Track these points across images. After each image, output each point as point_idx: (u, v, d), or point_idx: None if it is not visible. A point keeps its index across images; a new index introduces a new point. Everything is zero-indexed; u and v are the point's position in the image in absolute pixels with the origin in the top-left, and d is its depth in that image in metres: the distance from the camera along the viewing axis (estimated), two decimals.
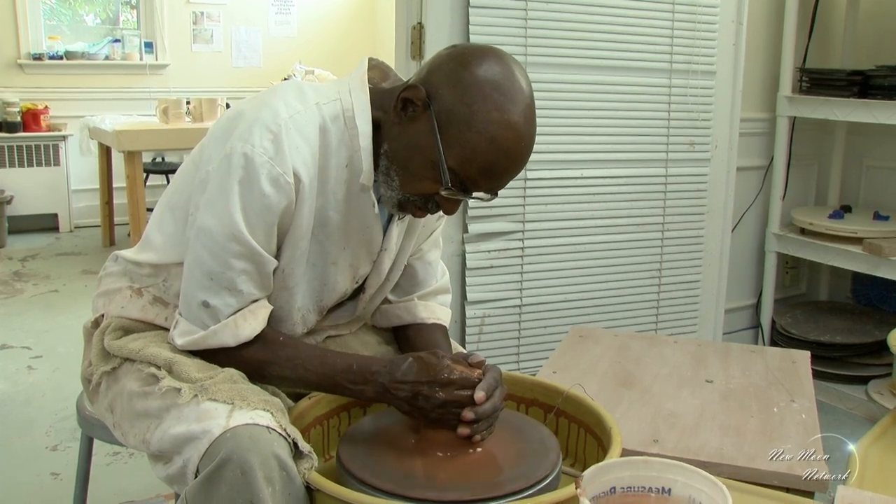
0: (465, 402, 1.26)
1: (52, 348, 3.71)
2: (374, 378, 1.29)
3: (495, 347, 2.81)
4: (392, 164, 1.32)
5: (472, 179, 1.27)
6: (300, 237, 1.34)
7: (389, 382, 1.28)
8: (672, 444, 1.66)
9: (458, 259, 2.73)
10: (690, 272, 3.17)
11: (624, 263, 3.02)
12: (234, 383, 1.27)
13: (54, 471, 2.61)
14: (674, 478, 1.11)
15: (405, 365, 1.29)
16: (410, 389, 1.27)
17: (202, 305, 1.31)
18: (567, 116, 2.81)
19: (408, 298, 1.61)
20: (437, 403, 1.26)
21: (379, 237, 1.43)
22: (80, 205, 6.15)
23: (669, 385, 1.98)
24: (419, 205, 1.34)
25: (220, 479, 1.13)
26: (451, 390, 1.26)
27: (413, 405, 1.27)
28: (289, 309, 1.41)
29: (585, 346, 2.25)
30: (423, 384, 1.26)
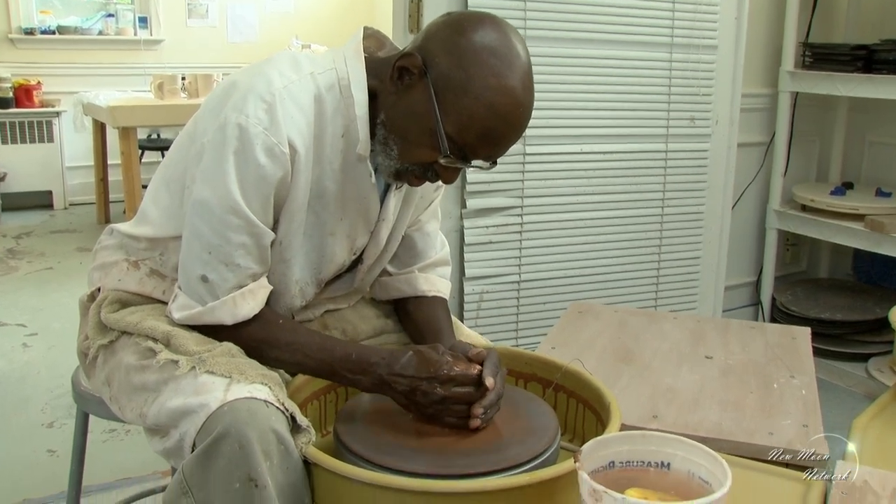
0: (463, 400, 1.27)
1: (46, 325, 3.72)
2: (372, 369, 1.29)
3: (494, 323, 2.81)
4: (389, 133, 1.31)
5: (471, 146, 1.26)
6: (297, 208, 1.34)
7: (388, 375, 1.28)
8: (671, 419, 1.67)
9: (456, 235, 2.73)
10: (690, 248, 3.17)
11: (623, 239, 3.02)
12: (231, 357, 1.27)
13: (50, 448, 2.63)
14: (673, 452, 1.11)
15: (405, 359, 1.29)
16: (409, 384, 1.27)
17: (200, 280, 1.31)
18: (566, 91, 2.80)
19: (408, 270, 1.61)
20: (435, 399, 1.26)
21: (376, 207, 1.43)
22: (75, 182, 6.14)
23: (669, 361, 1.99)
24: (417, 174, 1.33)
25: (218, 452, 1.14)
26: (449, 387, 1.26)
27: (410, 399, 1.28)
28: (287, 282, 1.41)
29: (584, 322, 2.25)
30: (421, 380, 1.27)
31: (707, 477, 1.08)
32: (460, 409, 1.28)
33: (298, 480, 1.18)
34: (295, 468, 1.18)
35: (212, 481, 1.14)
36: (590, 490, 0.99)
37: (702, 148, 3.09)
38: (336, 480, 1.15)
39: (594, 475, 1.06)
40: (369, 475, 1.12)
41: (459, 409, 1.28)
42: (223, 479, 1.14)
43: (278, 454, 1.16)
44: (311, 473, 1.20)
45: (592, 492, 0.98)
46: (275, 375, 1.26)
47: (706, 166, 3.12)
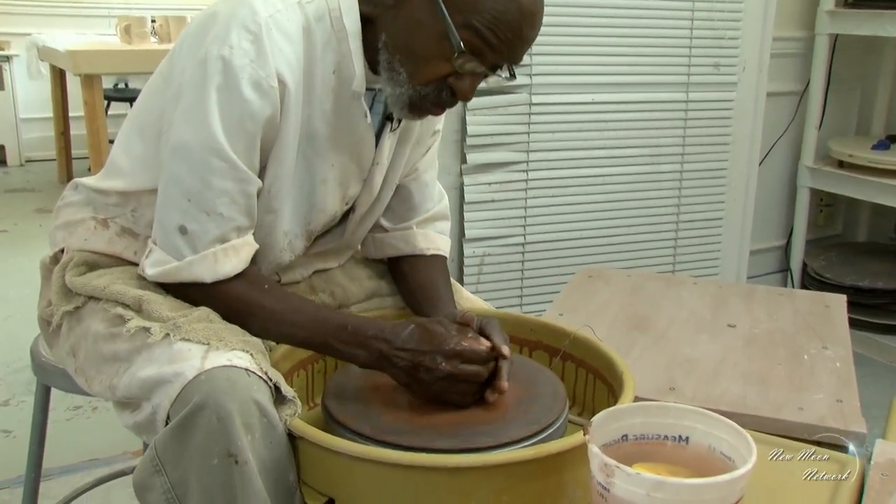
0: (470, 378, 1.27)
1: (2, 294, 3.73)
2: (370, 343, 1.29)
3: (496, 289, 2.83)
4: (395, 54, 1.31)
5: (485, 39, 1.25)
6: (286, 152, 1.34)
7: (388, 349, 1.28)
8: (690, 392, 1.69)
9: (455, 192, 2.73)
10: (712, 209, 3.18)
11: (639, 198, 3.03)
12: (210, 322, 1.28)
13: (6, 428, 2.64)
14: (692, 425, 1.12)
15: (406, 332, 1.28)
16: (411, 359, 1.27)
17: (178, 231, 1.30)
18: (577, 34, 2.80)
19: (405, 226, 1.62)
20: (440, 376, 1.26)
21: (370, 150, 1.44)
22: (31, 136, 6.12)
23: (687, 329, 2.01)
24: (433, 98, 1.33)
25: (194, 426, 1.14)
26: (456, 363, 1.26)
27: (413, 376, 1.28)
28: (274, 234, 1.41)
29: (595, 287, 2.27)
30: (425, 354, 1.26)
31: (729, 452, 1.09)
32: (466, 387, 1.28)
33: (283, 456, 1.19)
34: (279, 442, 1.19)
35: (187, 457, 1.16)
36: (600, 465, 1.00)
37: (727, 97, 3.09)
38: (324, 455, 1.16)
39: (605, 449, 1.06)
40: (361, 449, 1.14)
41: (466, 387, 1.28)
42: (200, 455, 1.15)
43: (261, 427, 1.16)
44: (296, 448, 1.22)
45: (603, 466, 0.99)
46: (257, 342, 1.27)
47: (731, 118, 3.12)
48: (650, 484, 0.96)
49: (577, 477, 1.15)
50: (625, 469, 0.97)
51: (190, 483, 1.16)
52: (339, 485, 1.17)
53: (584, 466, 1.07)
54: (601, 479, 1.00)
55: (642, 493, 0.97)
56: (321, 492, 1.20)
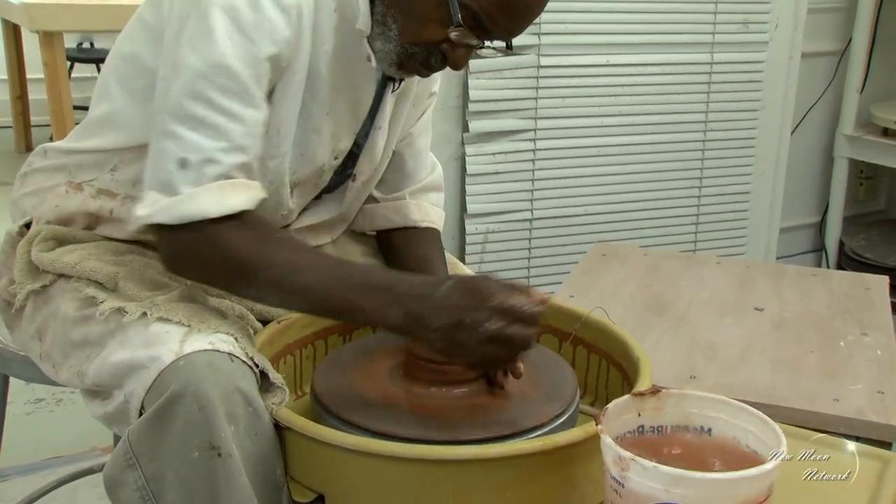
0: (517, 343, 1.18)
1: None
2: (403, 301, 1.21)
3: (501, 269, 2.84)
4: (389, 7, 1.31)
5: (488, 13, 1.25)
6: (296, 86, 1.33)
7: (423, 307, 1.19)
8: (712, 380, 1.70)
9: (456, 164, 2.74)
10: (739, 182, 3.18)
11: (657, 169, 3.03)
12: (191, 302, 1.28)
13: None
14: (715, 415, 1.13)
15: (445, 287, 1.20)
16: (451, 316, 1.17)
17: (179, 165, 1.23)
18: None
19: (397, 196, 1.63)
20: (484, 338, 1.16)
21: (368, 100, 1.45)
22: None
23: (709, 312, 2.02)
24: (421, 59, 1.33)
25: (172, 415, 1.15)
26: (504, 323, 1.17)
27: (451, 338, 1.17)
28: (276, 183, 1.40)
29: (609, 266, 2.29)
30: (468, 310, 1.16)
31: (756, 445, 1.09)
32: (510, 353, 1.21)
33: (269, 448, 1.20)
34: (265, 434, 1.20)
35: (164, 450, 1.16)
36: (615, 458, 1.00)
37: (756, 59, 3.09)
38: (314, 448, 1.17)
39: (620, 441, 1.07)
40: (353, 441, 1.14)
41: (509, 353, 1.21)
42: (178, 448, 1.15)
43: (245, 417, 1.17)
44: (283, 440, 1.22)
45: (618, 460, 1.00)
46: (241, 325, 1.27)
47: (761, 81, 3.11)
48: (669, 478, 0.97)
49: (589, 471, 1.16)
50: (641, 462, 0.98)
51: (167, 478, 1.17)
52: (329, 480, 1.19)
53: (596, 460, 1.08)
54: (615, 473, 1.01)
55: (660, 488, 0.97)
56: (310, 487, 1.21)
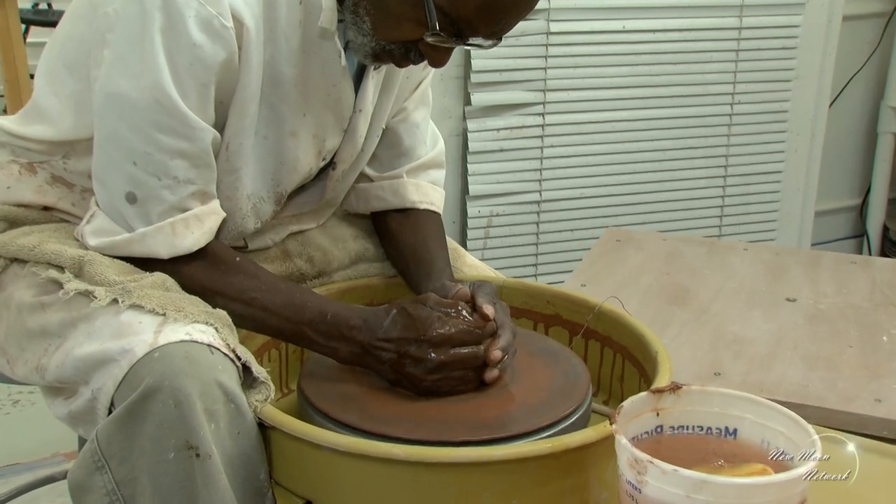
0: (467, 362, 1.29)
1: None
2: (352, 335, 1.31)
3: (506, 256, 2.86)
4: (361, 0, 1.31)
5: (466, 20, 1.26)
6: (248, 100, 1.34)
7: (370, 340, 1.30)
8: (739, 378, 1.70)
9: (457, 140, 2.74)
10: (769, 160, 3.18)
11: (678, 147, 3.03)
12: (166, 290, 1.28)
13: None
14: (741, 415, 1.13)
15: (388, 319, 1.30)
16: (395, 349, 1.29)
17: (126, 199, 1.30)
18: None
19: (393, 175, 1.64)
20: (431, 367, 1.28)
21: (349, 96, 1.44)
22: None
23: (736, 303, 2.03)
24: (398, 54, 1.34)
25: (145, 413, 1.15)
26: (446, 350, 1.28)
27: (400, 371, 1.30)
28: (236, 199, 1.42)
29: (624, 253, 2.29)
30: (410, 343, 1.28)
31: (787, 447, 1.09)
32: (463, 374, 1.30)
33: (252, 448, 1.21)
34: (247, 433, 1.20)
35: (137, 451, 1.17)
36: (630, 460, 1.00)
37: (790, 22, 3.08)
38: (302, 449, 1.18)
39: (637, 442, 1.08)
40: (345, 441, 1.14)
41: (462, 374, 1.30)
42: (152, 448, 1.16)
43: (226, 415, 1.18)
44: (268, 441, 1.23)
45: (634, 462, 1.00)
46: (222, 314, 1.28)
47: (795, 48, 3.10)
48: (690, 483, 0.97)
49: (602, 475, 1.17)
50: (660, 465, 0.98)
51: (139, 481, 1.18)
52: (318, 484, 1.19)
53: (610, 463, 1.09)
54: (631, 478, 1.01)
55: (681, 493, 0.97)
56: (297, 493, 1.22)
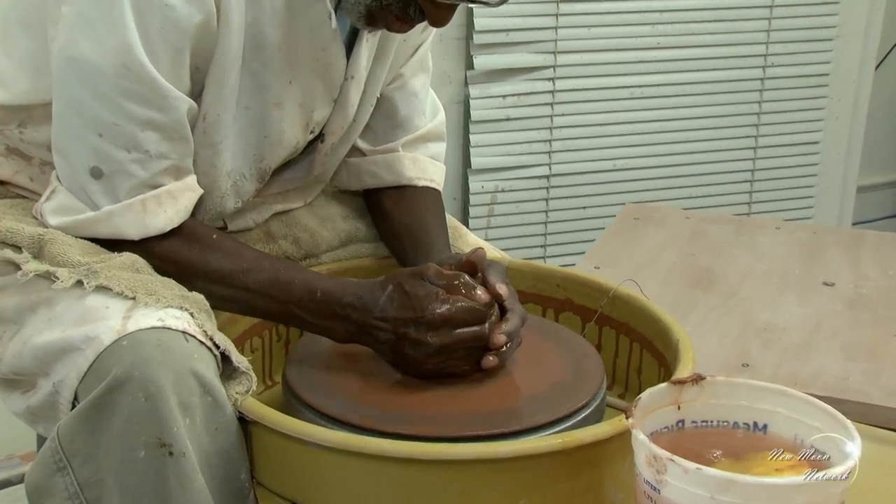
0: (468, 343, 1.29)
1: None
2: (346, 313, 1.31)
3: (512, 235, 2.86)
4: None
5: None
6: (227, 67, 1.34)
7: (367, 319, 1.30)
8: (770, 370, 1.71)
9: (458, 108, 2.74)
10: (806, 129, 3.17)
11: (704, 115, 3.03)
12: (136, 272, 1.29)
13: None
14: (772, 409, 1.14)
15: (384, 296, 1.30)
16: (393, 330, 1.29)
17: (90, 174, 1.30)
18: None
19: (388, 148, 1.64)
20: (431, 351, 1.28)
21: (340, 62, 1.45)
22: None
23: (767, 287, 2.04)
24: (396, 11, 1.34)
25: (113, 407, 1.15)
26: (447, 332, 1.28)
27: (399, 353, 1.30)
28: (215, 175, 1.42)
29: (643, 231, 2.30)
30: (408, 324, 1.28)
31: (823, 445, 1.09)
32: (465, 353, 1.30)
33: (231, 445, 1.22)
34: (226, 428, 1.21)
35: (103, 450, 1.17)
36: (649, 457, 1.01)
37: None
38: (287, 446, 1.18)
39: (656, 437, 1.08)
40: (334, 437, 1.15)
41: (464, 353, 1.30)
42: (121, 446, 1.16)
43: (203, 408, 1.18)
44: (249, 436, 1.24)
45: (653, 460, 1.01)
46: (199, 298, 1.28)
47: (838, 2, 3.09)
48: (715, 483, 0.97)
49: (618, 474, 1.18)
50: (681, 463, 0.98)
51: (106, 483, 1.18)
52: (305, 484, 1.20)
53: (626, 460, 1.11)
54: (649, 477, 1.02)
55: (704, 494, 0.98)
56: (281, 494, 1.23)
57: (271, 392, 1.46)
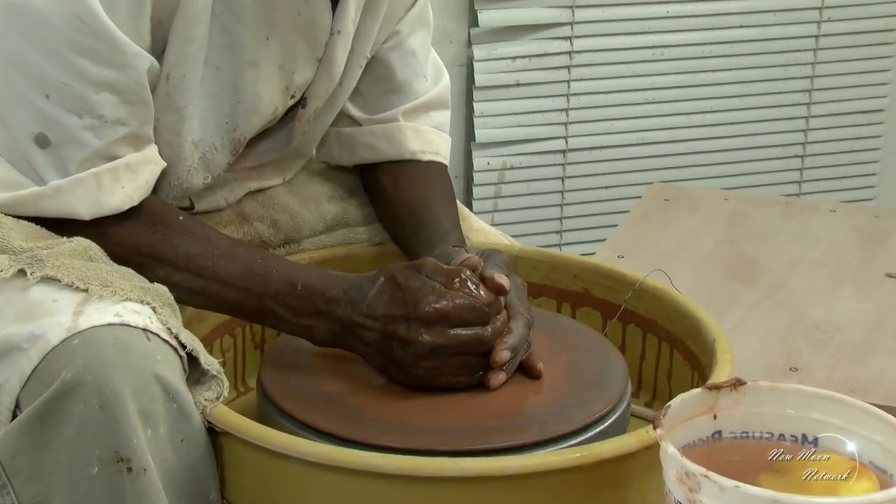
0: (467, 347, 1.29)
1: None
2: (329, 309, 1.32)
3: (524, 219, 2.89)
4: None
5: None
6: (194, 20, 1.35)
7: (351, 317, 1.31)
8: (822, 374, 1.72)
9: (460, 71, 2.75)
10: (867, 95, 3.18)
11: (745, 79, 3.04)
12: (89, 260, 1.29)
13: None
14: (824, 419, 1.14)
15: (373, 290, 1.31)
16: (381, 329, 1.29)
17: (36, 143, 1.30)
18: None
19: (386, 117, 1.65)
20: (423, 352, 1.28)
21: (326, 16, 1.46)
22: None
23: (819, 279, 2.05)
24: None
25: (62, 417, 1.16)
26: (443, 329, 1.28)
27: (386, 355, 1.30)
28: (180, 146, 1.43)
29: (674, 215, 2.32)
30: (398, 321, 1.28)
31: (883, 462, 1.09)
32: (463, 360, 1.31)
33: (199, 460, 1.23)
34: (194, 441, 1.22)
35: (50, 465, 1.18)
36: (680, 473, 1.02)
37: None
38: (263, 460, 1.19)
39: (688, 451, 1.09)
40: (316, 449, 1.16)
41: (462, 361, 1.30)
42: (70, 462, 1.17)
43: (167, 418, 1.19)
44: (220, 449, 1.25)
45: (685, 476, 1.01)
46: (162, 291, 1.29)
47: None
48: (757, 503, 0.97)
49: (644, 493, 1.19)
50: (718, 480, 0.98)
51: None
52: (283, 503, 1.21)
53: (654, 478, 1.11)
54: (681, 496, 1.02)
55: None
56: None
57: (245, 399, 1.47)
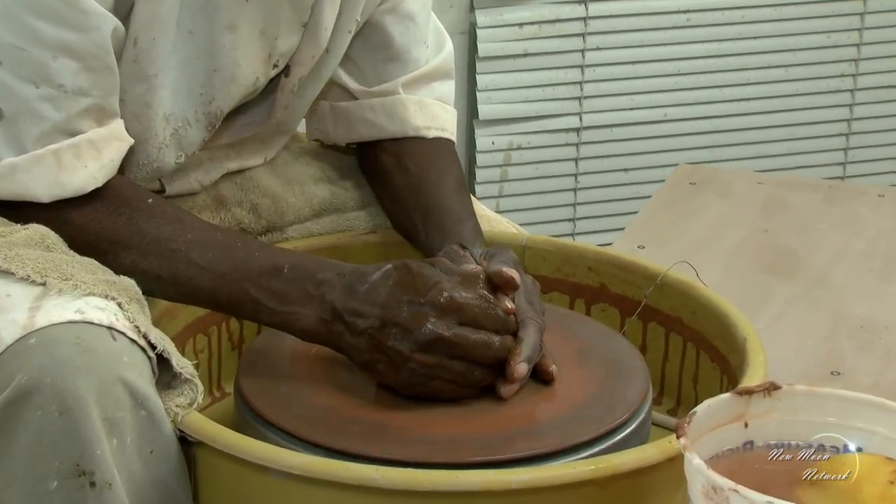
0: (475, 353, 1.28)
1: None
2: (320, 292, 1.30)
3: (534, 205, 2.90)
4: None
5: None
6: None
7: (346, 302, 1.29)
8: (868, 378, 1.73)
9: (462, 39, 2.75)
10: None
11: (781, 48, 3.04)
12: (47, 250, 1.30)
13: None
14: (868, 427, 1.15)
15: (378, 273, 1.29)
16: (379, 314, 1.27)
17: None
18: None
19: (384, 90, 1.66)
20: (422, 342, 1.26)
21: None
22: None
23: (864, 273, 2.06)
24: None
25: (16, 424, 1.17)
26: (450, 321, 1.26)
27: (379, 347, 1.28)
28: (149, 120, 1.44)
29: (702, 200, 2.32)
30: (401, 304, 1.26)
31: None
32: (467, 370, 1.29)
33: (171, 473, 1.23)
34: (164, 451, 1.23)
35: (4, 479, 1.18)
36: (707, 487, 1.02)
37: None
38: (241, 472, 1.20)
39: (715, 462, 1.10)
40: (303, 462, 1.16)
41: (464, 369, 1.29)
42: (26, 475, 1.17)
43: (134, 426, 1.20)
44: (193, 461, 1.26)
45: (712, 491, 1.02)
46: (129, 284, 1.29)
47: None
48: None
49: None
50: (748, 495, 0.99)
51: None
52: None
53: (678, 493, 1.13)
54: None
55: None
56: None
57: (221, 405, 1.48)
